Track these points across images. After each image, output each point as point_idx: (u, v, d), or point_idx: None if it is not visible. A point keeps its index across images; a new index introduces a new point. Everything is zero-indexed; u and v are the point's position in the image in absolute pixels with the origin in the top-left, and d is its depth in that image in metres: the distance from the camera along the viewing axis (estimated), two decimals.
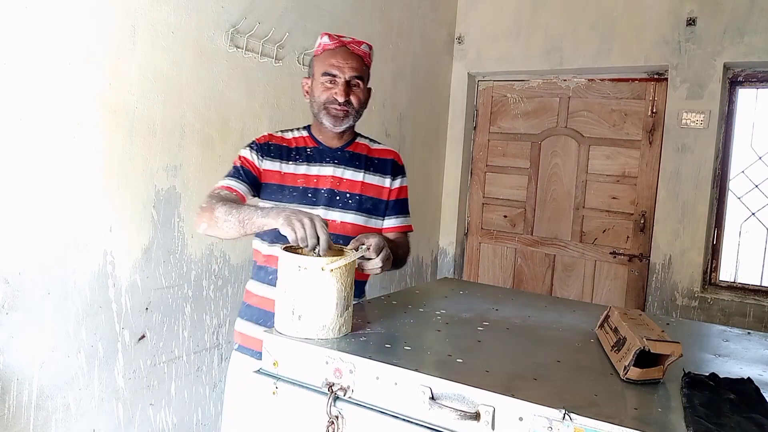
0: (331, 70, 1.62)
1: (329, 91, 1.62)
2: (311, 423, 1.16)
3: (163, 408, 2.22)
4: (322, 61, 1.64)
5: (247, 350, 1.67)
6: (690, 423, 0.92)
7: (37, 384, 1.81)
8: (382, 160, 1.76)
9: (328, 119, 1.64)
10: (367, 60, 1.68)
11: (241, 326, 1.71)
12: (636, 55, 3.37)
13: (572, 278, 3.74)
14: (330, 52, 1.63)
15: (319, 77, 1.64)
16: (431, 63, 3.78)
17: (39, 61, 1.75)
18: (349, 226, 1.66)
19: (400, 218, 1.79)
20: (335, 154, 1.70)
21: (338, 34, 1.67)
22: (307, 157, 1.69)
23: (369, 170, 1.73)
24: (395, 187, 1.77)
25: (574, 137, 3.70)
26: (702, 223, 3.20)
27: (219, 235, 1.52)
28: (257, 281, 1.69)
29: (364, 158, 1.73)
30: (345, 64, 1.62)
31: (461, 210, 4.09)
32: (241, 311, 1.75)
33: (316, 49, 1.68)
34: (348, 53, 1.63)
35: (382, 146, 1.80)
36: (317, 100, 1.65)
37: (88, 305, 1.93)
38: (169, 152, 2.14)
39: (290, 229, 1.30)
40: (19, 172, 1.73)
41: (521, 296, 1.91)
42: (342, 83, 1.62)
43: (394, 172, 1.77)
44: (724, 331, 1.58)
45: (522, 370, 1.15)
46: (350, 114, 1.65)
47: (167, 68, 2.13)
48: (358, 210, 1.68)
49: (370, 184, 1.72)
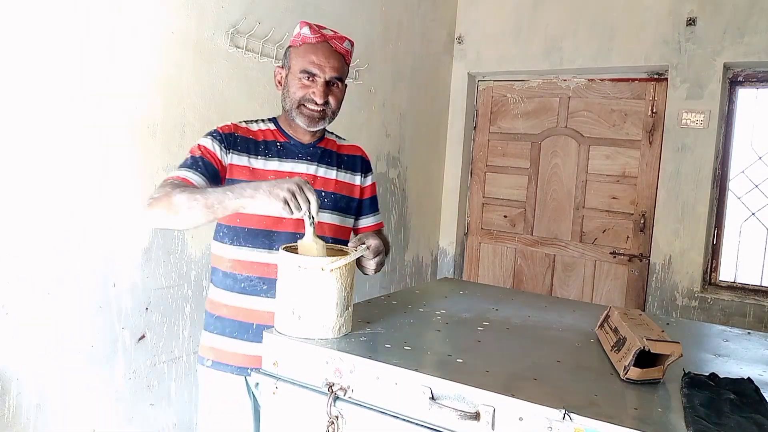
0: (311, 68, 1.51)
1: (306, 89, 1.52)
2: (311, 423, 1.17)
3: (163, 408, 2.22)
4: (302, 55, 1.52)
5: (225, 366, 1.54)
6: (690, 423, 0.92)
7: (37, 384, 1.81)
8: (351, 157, 1.70)
9: (301, 119, 1.55)
10: (348, 58, 1.58)
11: (213, 341, 1.57)
12: (636, 55, 3.37)
13: (572, 278, 3.74)
14: (310, 47, 1.52)
15: (297, 72, 1.53)
16: (431, 63, 3.78)
17: (38, 61, 1.75)
18: (326, 226, 1.58)
19: (376, 216, 1.76)
20: (307, 150, 1.60)
21: (319, 25, 1.56)
22: (277, 152, 1.57)
23: (340, 167, 1.65)
24: (367, 185, 1.72)
25: (574, 137, 3.70)
26: (702, 223, 3.20)
27: (180, 226, 1.39)
28: (225, 290, 1.55)
29: (335, 155, 1.65)
30: (326, 63, 1.51)
31: (461, 210, 4.09)
32: (207, 324, 1.60)
33: (294, 39, 1.56)
34: (329, 51, 1.52)
35: (347, 142, 1.73)
36: (292, 96, 1.54)
37: (88, 305, 1.93)
38: (169, 152, 2.14)
39: (279, 201, 1.24)
40: (19, 172, 1.73)
41: (521, 296, 1.91)
42: (321, 83, 1.52)
43: (364, 170, 1.72)
44: (724, 331, 1.58)
45: (522, 370, 1.15)
46: (327, 115, 1.56)
47: (167, 68, 2.13)
48: (333, 209, 1.61)
49: (343, 182, 1.65)
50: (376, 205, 1.77)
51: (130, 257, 2.06)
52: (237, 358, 1.54)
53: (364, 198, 1.72)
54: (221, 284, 1.57)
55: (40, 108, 1.77)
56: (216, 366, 1.56)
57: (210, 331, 1.59)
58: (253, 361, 1.46)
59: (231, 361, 1.54)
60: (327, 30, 1.56)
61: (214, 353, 1.57)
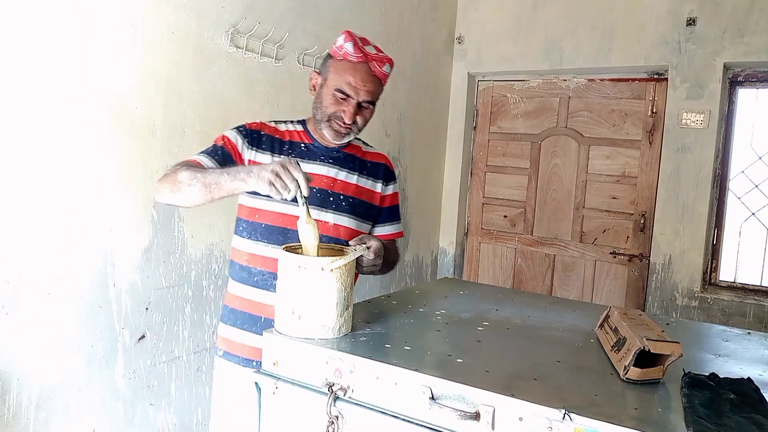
0: (346, 89, 1.53)
1: (338, 107, 1.54)
2: (311, 423, 1.17)
3: (163, 408, 2.22)
4: (340, 72, 1.53)
5: (234, 357, 1.60)
6: (690, 423, 0.92)
7: (37, 384, 1.81)
8: (375, 164, 1.71)
9: (329, 131, 1.58)
10: (384, 82, 1.60)
11: (226, 332, 1.64)
12: (636, 55, 3.37)
13: (572, 278, 3.74)
14: (350, 66, 1.53)
15: (332, 88, 1.54)
16: (431, 63, 3.78)
17: (38, 61, 1.75)
18: (342, 229, 1.60)
19: (395, 225, 1.76)
20: (330, 154, 1.63)
21: (364, 40, 1.56)
22: (300, 153, 1.61)
23: (362, 173, 1.67)
24: (388, 194, 1.73)
25: (574, 137, 3.70)
26: (702, 223, 3.20)
27: (182, 203, 1.42)
28: (240, 283, 1.61)
29: (358, 160, 1.68)
30: (362, 87, 1.53)
31: (461, 210, 4.09)
32: (223, 315, 1.66)
33: (335, 49, 1.55)
34: (368, 74, 1.54)
35: (373, 149, 1.75)
36: (323, 109, 1.57)
37: (88, 305, 1.93)
38: (169, 152, 2.14)
39: (267, 185, 1.25)
40: (19, 172, 1.73)
41: (521, 296, 1.91)
42: (353, 105, 1.54)
43: (387, 178, 1.73)
44: (724, 331, 1.58)
45: (522, 370, 1.15)
46: (353, 132, 1.59)
47: (167, 68, 2.13)
48: (351, 213, 1.62)
49: (363, 188, 1.67)
50: (395, 215, 1.77)
51: (130, 257, 2.06)
52: (245, 349, 1.59)
53: (384, 206, 1.73)
54: (237, 277, 1.62)
55: (40, 108, 1.77)
56: (226, 356, 1.62)
57: (224, 322, 1.65)
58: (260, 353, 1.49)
59: (239, 352, 1.59)
60: (370, 47, 1.57)
61: (226, 344, 1.63)
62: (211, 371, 2.39)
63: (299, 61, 2.68)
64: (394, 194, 1.76)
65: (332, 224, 1.59)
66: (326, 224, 1.58)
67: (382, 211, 1.73)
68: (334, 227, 1.59)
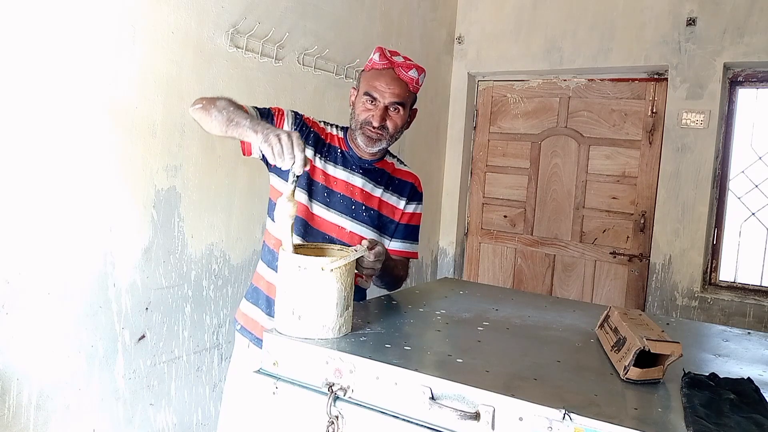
0: (372, 92, 1.60)
1: (368, 112, 1.61)
2: (311, 423, 1.17)
3: (163, 408, 2.22)
4: (368, 80, 1.63)
5: (249, 333, 1.68)
6: (690, 423, 0.92)
7: (37, 384, 1.81)
8: (402, 182, 1.76)
9: (362, 138, 1.63)
10: (413, 86, 1.65)
11: (246, 308, 1.71)
12: (636, 55, 3.37)
13: (572, 278, 3.74)
14: (376, 72, 1.62)
15: (362, 95, 1.63)
16: (431, 63, 3.78)
17: (39, 61, 1.75)
18: (357, 237, 1.63)
19: (407, 243, 1.78)
20: (362, 165, 1.69)
21: (392, 51, 1.65)
22: (335, 158, 1.67)
23: (388, 189, 1.72)
24: (408, 212, 1.77)
25: (574, 137, 3.70)
26: (702, 223, 3.20)
27: (203, 123, 1.49)
28: (266, 264, 1.68)
29: (387, 176, 1.73)
30: (387, 90, 1.60)
31: (461, 210, 4.09)
32: (247, 292, 1.74)
33: (366, 64, 1.66)
34: (393, 78, 1.61)
35: (406, 168, 1.79)
36: (357, 117, 1.64)
37: (88, 305, 1.93)
38: (169, 152, 2.14)
39: (267, 144, 1.30)
40: (19, 172, 1.73)
41: (521, 296, 1.91)
42: (381, 108, 1.60)
43: (411, 197, 1.76)
44: (724, 331, 1.58)
45: (522, 370, 1.15)
46: (384, 138, 1.63)
47: (167, 68, 2.13)
48: (370, 224, 1.67)
49: (386, 203, 1.72)
50: (412, 234, 1.80)
51: (130, 257, 2.06)
52: (257, 328, 1.65)
53: (402, 222, 1.76)
54: (264, 258, 1.70)
55: (40, 108, 1.77)
56: (242, 331, 1.70)
57: (246, 298, 1.73)
58: None
59: (253, 329, 1.66)
60: (398, 57, 1.65)
61: (244, 319, 1.71)
62: (211, 371, 2.40)
63: (299, 61, 2.68)
64: (414, 214, 1.80)
65: (348, 231, 1.64)
66: (343, 230, 1.63)
67: (399, 227, 1.76)
68: (350, 234, 1.63)
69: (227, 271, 2.42)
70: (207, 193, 2.31)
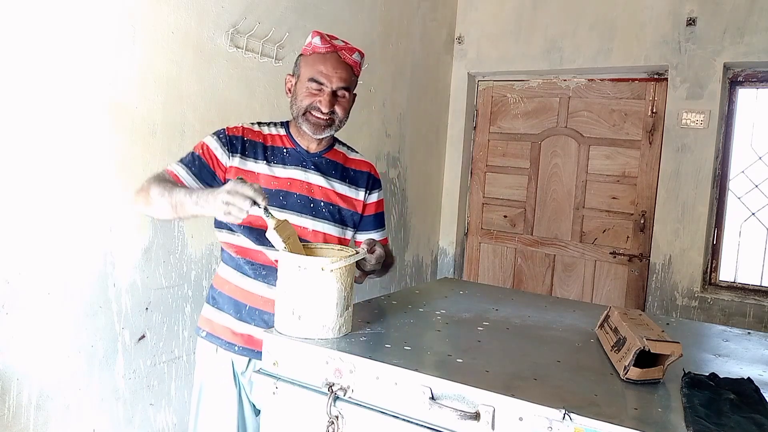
0: (319, 77, 1.54)
1: (313, 98, 1.55)
2: (311, 423, 1.17)
3: (163, 408, 2.22)
4: (311, 64, 1.56)
5: (216, 339, 1.61)
6: (690, 423, 0.92)
7: (37, 384, 1.81)
8: (358, 172, 1.70)
9: (308, 126, 1.57)
10: (356, 70, 1.61)
11: (210, 313, 1.64)
12: (636, 55, 3.37)
13: (572, 278, 3.74)
14: (320, 56, 1.55)
15: (305, 81, 1.56)
16: (431, 63, 3.78)
17: (39, 61, 1.75)
18: (321, 235, 1.59)
19: (380, 232, 1.75)
20: (312, 159, 1.63)
21: (330, 35, 1.60)
22: (282, 159, 1.60)
23: (344, 181, 1.67)
24: (371, 202, 1.73)
25: (574, 137, 3.70)
26: (702, 223, 3.20)
27: (155, 216, 1.49)
28: (231, 268, 1.62)
29: (341, 167, 1.67)
30: (334, 74, 1.54)
31: (461, 210, 4.09)
32: (209, 297, 1.67)
33: (305, 48, 1.59)
34: (338, 61, 1.56)
35: (358, 156, 1.74)
36: (299, 103, 1.57)
37: (88, 305, 1.93)
38: (169, 152, 2.14)
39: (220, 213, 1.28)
40: (19, 172, 1.73)
41: (521, 296, 1.91)
42: (328, 92, 1.55)
43: (370, 186, 1.71)
44: (724, 331, 1.58)
45: (522, 370, 1.15)
46: (333, 124, 1.59)
47: (167, 68, 2.13)
48: (330, 220, 1.62)
49: (344, 195, 1.66)
50: (380, 222, 1.77)
51: (130, 257, 2.06)
52: (227, 332, 1.60)
53: (367, 214, 1.72)
54: (228, 262, 1.63)
55: (40, 108, 1.77)
56: (209, 338, 1.63)
57: (209, 303, 1.66)
58: (240, 339, 1.58)
59: (222, 335, 1.60)
60: (338, 41, 1.60)
61: (209, 325, 1.64)
62: None
63: None
64: (379, 202, 1.76)
65: (311, 230, 1.58)
66: (305, 230, 1.57)
67: (364, 219, 1.72)
68: (313, 233, 1.58)
69: None
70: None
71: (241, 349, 1.58)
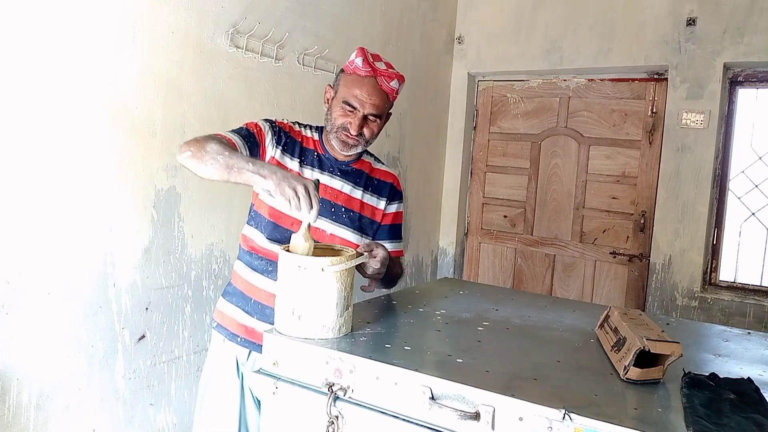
0: (353, 101, 1.58)
1: (345, 118, 1.60)
2: (311, 423, 1.17)
3: (163, 408, 2.22)
4: (348, 85, 1.59)
5: (223, 330, 1.67)
6: (690, 423, 0.92)
7: (37, 384, 1.81)
8: (381, 183, 1.74)
9: (337, 142, 1.63)
10: (392, 96, 1.64)
11: (222, 305, 1.71)
12: (636, 55, 3.37)
13: (572, 278, 3.74)
14: (358, 79, 1.58)
15: (341, 100, 1.60)
16: (431, 63, 3.78)
17: (39, 61, 1.75)
18: (338, 240, 1.62)
19: (394, 243, 1.76)
20: (339, 167, 1.68)
21: (375, 55, 1.62)
22: (312, 162, 1.66)
23: (368, 189, 1.71)
24: (390, 212, 1.75)
25: (574, 137, 3.70)
26: (702, 223, 3.20)
27: (198, 171, 1.42)
28: (242, 263, 1.68)
29: (365, 176, 1.71)
30: (368, 100, 1.58)
31: (461, 210, 4.09)
32: (225, 290, 1.74)
33: (347, 65, 1.63)
34: (374, 88, 1.58)
35: (384, 167, 1.78)
36: (333, 120, 1.62)
37: (88, 305, 1.93)
38: (169, 152, 2.14)
39: (283, 197, 1.30)
40: (19, 172, 1.73)
41: (521, 296, 1.91)
42: (359, 117, 1.58)
43: (391, 197, 1.75)
44: (724, 331, 1.58)
45: (522, 370, 1.15)
46: (360, 143, 1.63)
47: (167, 68, 2.13)
48: (350, 226, 1.65)
49: (367, 204, 1.70)
50: (395, 233, 1.78)
51: (130, 257, 2.06)
52: (232, 324, 1.66)
53: (384, 224, 1.75)
54: (241, 256, 1.70)
55: (40, 108, 1.77)
56: (218, 328, 1.70)
57: (223, 296, 1.73)
58: (243, 330, 1.64)
59: (228, 326, 1.66)
60: (380, 63, 1.62)
61: (220, 317, 1.70)
62: None
63: (299, 61, 2.68)
64: (397, 213, 1.78)
65: (329, 234, 1.62)
66: (323, 233, 1.61)
67: (381, 228, 1.74)
68: (330, 237, 1.62)
69: (227, 271, 2.42)
70: (207, 193, 2.31)
71: (242, 341, 1.62)
